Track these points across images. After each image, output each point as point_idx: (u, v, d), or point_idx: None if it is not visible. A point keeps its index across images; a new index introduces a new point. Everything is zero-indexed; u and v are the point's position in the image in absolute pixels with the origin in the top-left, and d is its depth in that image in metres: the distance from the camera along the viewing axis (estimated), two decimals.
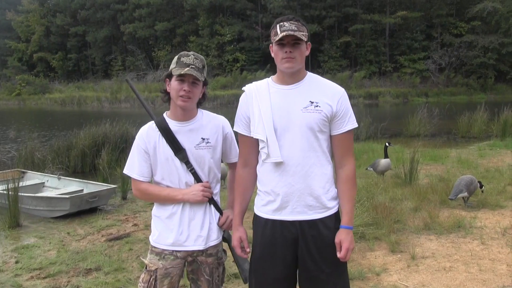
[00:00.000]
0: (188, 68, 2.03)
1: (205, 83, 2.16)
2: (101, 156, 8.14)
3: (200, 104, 2.21)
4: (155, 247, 2.17)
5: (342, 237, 2.00)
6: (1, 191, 6.00)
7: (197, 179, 2.15)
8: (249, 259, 2.19)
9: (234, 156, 2.30)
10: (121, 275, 3.81)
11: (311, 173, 1.99)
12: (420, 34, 38.88)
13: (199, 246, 2.15)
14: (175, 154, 2.11)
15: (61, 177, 7.26)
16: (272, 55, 2.02)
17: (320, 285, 2.02)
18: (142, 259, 2.27)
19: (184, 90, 2.05)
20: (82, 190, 6.58)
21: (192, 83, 2.07)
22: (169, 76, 2.11)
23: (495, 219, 4.85)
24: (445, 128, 14.16)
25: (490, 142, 11.16)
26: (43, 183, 7.23)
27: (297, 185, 1.98)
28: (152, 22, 46.37)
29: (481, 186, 5.39)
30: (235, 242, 2.15)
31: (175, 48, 44.89)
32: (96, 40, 49.57)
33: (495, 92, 34.93)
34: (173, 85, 2.08)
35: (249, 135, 2.07)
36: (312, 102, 1.98)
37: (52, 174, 7.63)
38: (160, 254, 2.15)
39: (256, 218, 2.12)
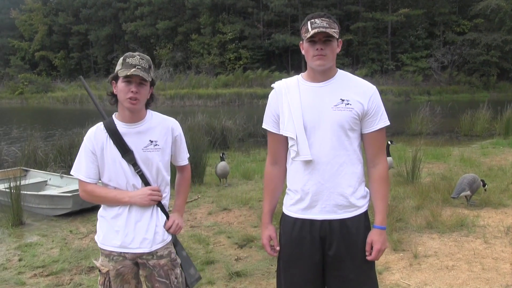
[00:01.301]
0: (134, 69, 2.01)
1: (152, 84, 2.14)
2: None
3: (148, 105, 2.18)
4: (103, 249, 2.17)
5: (375, 238, 1.98)
6: (4, 189, 6.02)
7: (145, 181, 2.13)
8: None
9: (183, 159, 2.29)
10: None
11: (341, 171, 1.96)
12: (422, 32, 38.75)
13: (145, 249, 2.13)
14: (122, 156, 2.09)
15: (64, 175, 7.27)
16: (303, 52, 1.99)
17: (349, 285, 2.00)
18: (94, 262, 2.25)
19: (132, 91, 2.02)
20: None
21: (139, 84, 2.04)
22: (115, 78, 2.08)
23: (498, 217, 4.84)
24: (448, 126, 14.12)
25: (493, 140, 11.12)
26: (46, 181, 7.25)
27: (327, 183, 1.96)
28: (153, 20, 46.36)
29: (484, 185, 5.37)
30: (264, 240, 2.12)
31: (177, 46, 44.89)
32: (98, 38, 49.61)
33: (498, 90, 34.79)
34: (120, 87, 2.05)
35: (278, 132, 2.05)
36: (343, 100, 1.95)
37: (54, 172, 7.65)
38: (109, 255, 2.15)
39: (285, 217, 2.08)
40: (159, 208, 2.18)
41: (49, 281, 3.76)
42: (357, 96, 1.96)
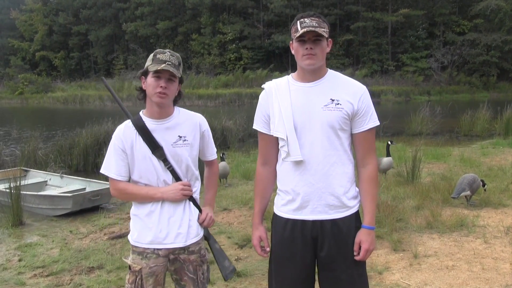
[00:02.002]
0: (164, 65, 2.03)
1: (181, 81, 2.16)
2: (103, 155, 8.13)
3: (176, 102, 2.20)
4: (136, 247, 2.16)
5: (363, 238, 1.98)
6: (4, 190, 6.02)
7: (175, 177, 2.14)
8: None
9: (211, 154, 2.30)
10: (123, 273, 3.80)
11: (332, 172, 1.96)
12: (422, 32, 38.75)
13: (179, 244, 2.13)
14: (152, 153, 2.10)
15: (64, 175, 7.28)
16: (293, 52, 1.99)
17: (340, 285, 2.00)
18: (125, 260, 2.24)
19: (161, 86, 2.04)
20: (84, 189, 6.59)
21: (168, 80, 2.06)
22: (145, 73, 2.10)
23: (498, 217, 4.84)
24: (448, 126, 14.12)
25: (493, 140, 11.12)
26: (46, 181, 7.26)
27: (318, 184, 1.96)
28: (154, 20, 46.35)
29: (483, 185, 5.37)
30: (255, 241, 2.13)
31: (177, 46, 44.84)
32: (98, 38, 49.60)
33: (498, 90, 34.75)
34: (149, 82, 2.07)
35: (268, 133, 2.05)
36: (333, 100, 1.95)
37: (54, 172, 7.66)
38: (142, 253, 2.14)
39: (276, 218, 2.08)
40: (191, 203, 2.19)
41: (49, 282, 3.76)
42: (347, 96, 1.96)
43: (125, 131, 2.14)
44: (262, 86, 2.12)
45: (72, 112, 28.90)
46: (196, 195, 2.23)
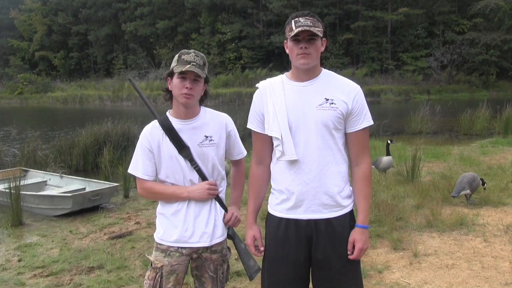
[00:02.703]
0: (189, 66, 2.04)
1: (206, 81, 2.17)
2: (103, 155, 8.16)
3: (202, 101, 2.21)
4: (160, 244, 2.18)
5: (357, 237, 1.98)
6: (4, 190, 6.02)
7: (202, 176, 2.15)
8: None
9: (238, 154, 2.30)
10: (124, 273, 3.81)
11: (326, 171, 1.96)
12: (422, 31, 38.76)
13: (205, 243, 2.15)
14: (179, 152, 2.12)
15: (63, 175, 7.28)
16: (287, 51, 1.99)
17: (335, 285, 2.00)
18: (147, 256, 2.27)
19: (186, 87, 2.05)
20: (84, 189, 6.59)
21: (193, 80, 2.07)
22: (171, 74, 2.11)
23: (498, 216, 4.84)
24: (447, 125, 14.13)
25: (492, 139, 11.14)
26: (46, 181, 7.25)
27: (312, 183, 1.96)
28: (153, 20, 46.36)
29: (483, 184, 5.37)
30: (249, 240, 2.13)
31: (177, 46, 44.83)
32: (98, 38, 49.59)
33: (497, 89, 34.81)
34: (175, 83, 2.08)
35: (263, 132, 2.05)
36: (327, 99, 1.95)
37: (54, 172, 7.65)
38: (166, 251, 2.16)
39: (270, 217, 2.09)
40: (217, 202, 2.20)
41: (49, 282, 3.75)
42: (341, 95, 1.96)
43: (152, 131, 2.16)
44: (256, 85, 2.12)
45: (71, 112, 28.90)
46: (222, 195, 2.24)
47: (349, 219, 2.02)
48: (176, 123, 2.14)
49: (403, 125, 13.75)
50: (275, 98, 2.00)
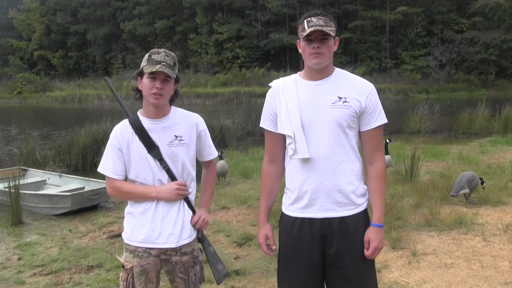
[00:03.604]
0: (159, 66, 2.02)
1: (176, 80, 2.16)
2: (102, 154, 8.14)
3: (172, 101, 2.20)
4: (128, 245, 2.16)
5: (372, 235, 1.98)
6: (3, 189, 6.01)
7: (171, 176, 2.14)
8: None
9: (208, 154, 2.29)
10: None
11: (339, 169, 1.95)
12: (421, 30, 38.75)
13: (171, 244, 2.13)
14: (148, 152, 2.11)
15: (63, 174, 7.27)
16: (300, 51, 1.99)
17: (349, 283, 1.99)
18: (118, 258, 2.25)
19: (156, 87, 2.04)
20: (83, 188, 6.59)
21: (164, 81, 2.06)
22: (141, 74, 2.10)
23: (497, 215, 4.85)
24: (446, 124, 14.14)
25: (491, 138, 11.14)
26: (45, 180, 7.25)
27: (326, 181, 1.95)
28: (151, 19, 46.30)
29: (482, 183, 5.38)
30: (261, 239, 2.12)
31: (175, 45, 44.80)
32: (96, 38, 49.52)
33: (496, 88, 34.80)
34: (145, 83, 2.07)
35: (275, 131, 2.05)
36: (340, 98, 1.94)
37: (53, 171, 7.65)
38: (134, 251, 2.15)
39: (284, 217, 2.08)
40: (185, 203, 2.19)
41: (48, 280, 3.76)
42: (354, 93, 1.96)
43: (122, 130, 2.15)
44: (270, 84, 2.12)
45: (70, 111, 28.86)
46: (192, 196, 2.23)
47: (363, 217, 2.02)
48: (146, 122, 2.13)
49: (401, 124, 13.75)
50: (288, 97, 1.99)
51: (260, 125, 2.13)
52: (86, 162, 9.07)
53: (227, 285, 3.51)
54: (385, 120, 2.02)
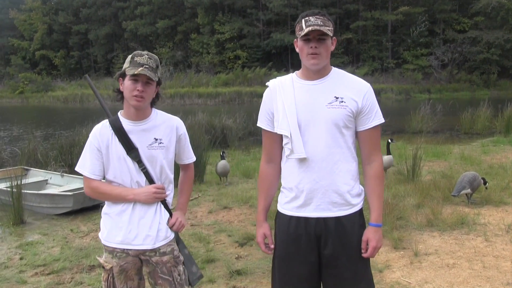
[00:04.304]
0: (142, 68, 2.02)
1: (158, 83, 2.15)
2: None
3: (154, 104, 2.20)
4: (106, 246, 2.18)
5: (370, 235, 1.98)
6: (5, 189, 6.02)
7: (149, 179, 2.14)
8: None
9: (187, 158, 2.30)
10: None
11: (336, 169, 1.96)
12: (423, 30, 38.69)
13: (148, 246, 2.14)
14: (127, 153, 2.11)
15: (64, 174, 7.28)
16: (297, 50, 1.99)
17: (345, 283, 2.00)
18: (98, 258, 2.26)
19: (138, 90, 2.04)
20: None
21: (145, 83, 2.06)
22: (123, 75, 2.10)
23: (499, 215, 4.84)
24: (448, 124, 14.11)
25: (493, 138, 11.11)
26: (46, 180, 7.26)
27: (322, 181, 1.95)
28: (153, 19, 46.37)
29: (484, 183, 5.37)
30: (259, 238, 2.13)
31: (177, 45, 44.87)
32: (98, 37, 49.63)
33: (498, 88, 34.72)
34: (127, 85, 2.07)
35: (272, 130, 2.05)
36: (337, 98, 1.95)
37: (55, 171, 7.66)
38: (112, 252, 2.16)
39: (279, 215, 2.09)
40: (162, 206, 2.20)
41: (50, 280, 3.76)
42: (351, 93, 1.96)
43: (101, 131, 2.15)
44: (267, 83, 2.12)
45: (72, 111, 28.89)
46: (169, 199, 2.24)
47: (358, 217, 2.02)
48: (126, 123, 2.13)
49: (403, 124, 13.73)
50: (285, 96, 2.00)
51: (257, 125, 2.13)
52: None
53: (228, 285, 3.51)
54: (382, 120, 2.02)
